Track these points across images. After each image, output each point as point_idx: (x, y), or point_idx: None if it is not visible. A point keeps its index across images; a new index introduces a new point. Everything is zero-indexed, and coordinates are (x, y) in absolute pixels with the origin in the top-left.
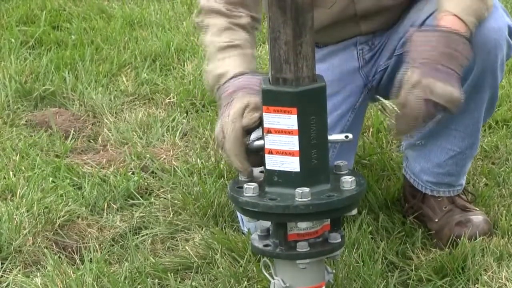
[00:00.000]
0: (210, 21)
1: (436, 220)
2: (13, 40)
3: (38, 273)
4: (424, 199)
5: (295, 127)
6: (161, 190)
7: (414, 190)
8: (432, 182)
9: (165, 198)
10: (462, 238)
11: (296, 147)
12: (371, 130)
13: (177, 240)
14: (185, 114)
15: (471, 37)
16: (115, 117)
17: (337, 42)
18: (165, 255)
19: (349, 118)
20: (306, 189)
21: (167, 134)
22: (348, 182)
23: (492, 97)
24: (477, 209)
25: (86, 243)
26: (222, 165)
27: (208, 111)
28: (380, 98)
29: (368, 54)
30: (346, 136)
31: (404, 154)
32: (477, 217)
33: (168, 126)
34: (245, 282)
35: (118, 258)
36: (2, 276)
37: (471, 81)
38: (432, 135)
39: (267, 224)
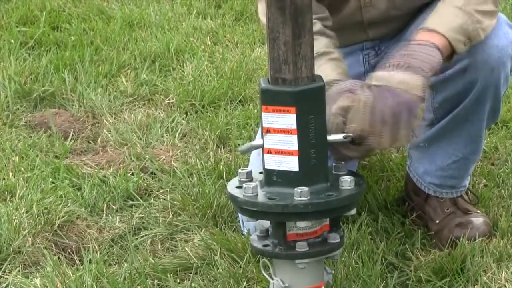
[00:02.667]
0: None
1: (437, 222)
2: (12, 41)
3: (37, 274)
4: (427, 199)
5: (294, 126)
6: (161, 191)
7: (418, 188)
8: (435, 184)
9: (164, 199)
10: (461, 239)
11: (295, 146)
12: None
13: (176, 241)
14: (185, 115)
15: (456, 54)
16: (115, 118)
17: (344, 46)
18: (164, 256)
19: None
20: (305, 189)
21: (167, 135)
22: (347, 181)
23: (494, 107)
24: (479, 212)
25: (86, 244)
26: (221, 166)
27: (207, 112)
28: None
29: (374, 60)
30: (345, 137)
31: (408, 152)
32: (478, 219)
33: (168, 127)
34: (245, 282)
35: (117, 259)
36: (1, 277)
37: (473, 95)
38: (435, 138)
39: (266, 224)
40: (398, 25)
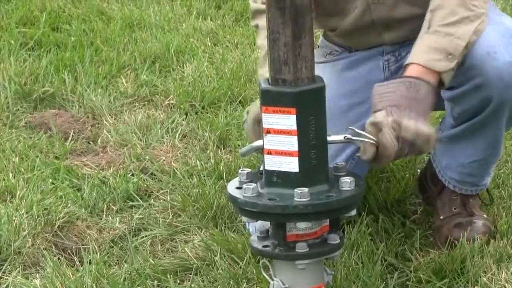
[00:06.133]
0: (259, 22)
1: (441, 217)
2: (12, 41)
3: (37, 275)
4: (441, 192)
5: (294, 127)
6: (161, 192)
7: (436, 179)
8: (456, 180)
9: (164, 200)
10: (460, 240)
11: (295, 147)
12: None
13: (176, 242)
14: (185, 116)
15: (446, 72)
16: (115, 119)
17: (362, 50)
18: (164, 256)
19: None
20: (305, 189)
21: (167, 136)
22: (347, 182)
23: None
24: (485, 215)
25: (86, 244)
26: (221, 167)
27: (207, 113)
28: (354, 129)
29: (394, 66)
30: (345, 137)
31: None
32: (478, 222)
33: (168, 127)
34: (245, 283)
35: (117, 260)
36: (1, 277)
37: (490, 110)
38: (456, 137)
39: (268, 224)
40: (414, 27)
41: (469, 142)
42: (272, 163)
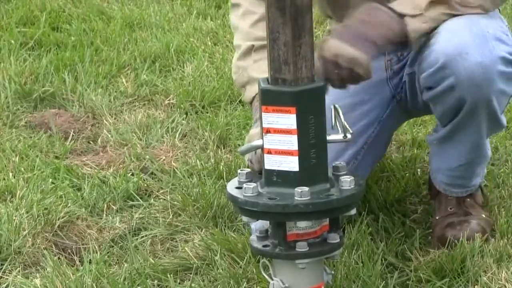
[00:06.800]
0: (243, 2)
1: (437, 217)
2: (12, 41)
3: (37, 274)
4: (438, 193)
5: (294, 126)
6: (161, 191)
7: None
8: (446, 183)
9: (164, 199)
10: (449, 238)
11: (295, 146)
12: None
13: (176, 241)
14: (185, 115)
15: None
16: (115, 118)
17: None
18: (164, 256)
19: (374, 130)
20: (306, 189)
21: (167, 135)
22: (347, 181)
23: (492, 118)
24: (483, 215)
25: (86, 244)
26: (221, 166)
27: (207, 112)
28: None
29: (396, 65)
30: (345, 136)
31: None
32: (472, 222)
33: (168, 127)
34: (245, 283)
35: (117, 259)
36: (1, 277)
37: (465, 111)
38: (443, 140)
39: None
40: None
41: (453, 145)
42: (272, 163)
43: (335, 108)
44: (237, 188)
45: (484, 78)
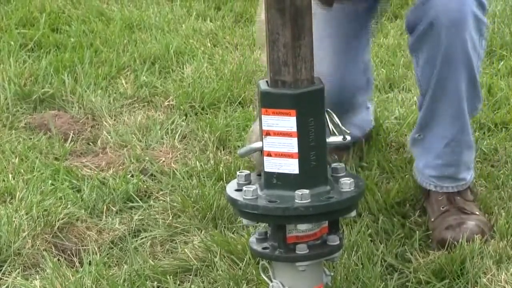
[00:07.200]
0: None
1: (432, 220)
2: (12, 42)
3: (37, 276)
4: (428, 197)
5: (294, 129)
6: (160, 193)
7: (422, 188)
8: (435, 177)
9: (164, 201)
10: (448, 240)
11: (295, 149)
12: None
13: (176, 243)
14: (184, 117)
15: None
16: (114, 120)
17: None
18: (164, 257)
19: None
20: (306, 191)
21: (166, 137)
22: (347, 184)
23: (471, 79)
24: (477, 212)
25: (85, 245)
26: (221, 168)
27: (207, 114)
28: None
29: None
30: (344, 138)
31: (412, 154)
32: (470, 222)
33: (167, 128)
34: (244, 284)
35: (117, 261)
36: (1, 278)
37: (442, 55)
38: (427, 125)
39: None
40: None
41: (437, 123)
42: (272, 165)
43: (328, 113)
44: (236, 190)
45: (459, 16)
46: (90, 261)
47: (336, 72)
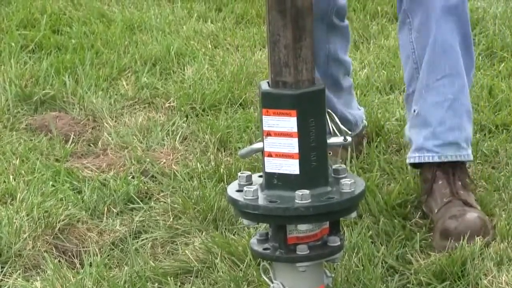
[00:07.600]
0: None
1: (436, 211)
2: (13, 44)
3: (38, 277)
4: (431, 192)
5: (295, 129)
6: (161, 194)
7: (425, 175)
8: (438, 145)
9: (165, 202)
10: (461, 242)
11: (295, 149)
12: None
13: (177, 244)
14: (185, 118)
15: None
16: (115, 121)
17: None
18: (165, 259)
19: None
20: (306, 191)
21: (167, 138)
22: (347, 184)
23: (465, 36)
24: (478, 207)
25: (86, 247)
26: (222, 169)
27: (208, 115)
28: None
29: None
30: (345, 139)
31: (408, 141)
32: (472, 214)
33: (168, 130)
34: (245, 286)
35: (118, 262)
36: (2, 280)
37: (437, 15)
38: (421, 97)
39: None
40: None
41: (435, 90)
42: (272, 166)
43: (328, 113)
44: (237, 191)
45: None
46: (90, 262)
47: None
